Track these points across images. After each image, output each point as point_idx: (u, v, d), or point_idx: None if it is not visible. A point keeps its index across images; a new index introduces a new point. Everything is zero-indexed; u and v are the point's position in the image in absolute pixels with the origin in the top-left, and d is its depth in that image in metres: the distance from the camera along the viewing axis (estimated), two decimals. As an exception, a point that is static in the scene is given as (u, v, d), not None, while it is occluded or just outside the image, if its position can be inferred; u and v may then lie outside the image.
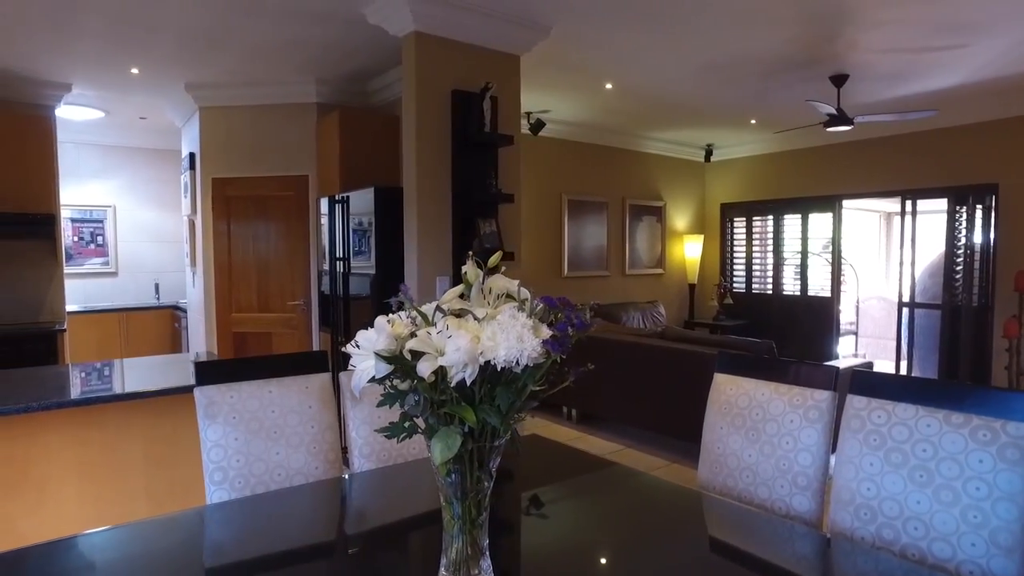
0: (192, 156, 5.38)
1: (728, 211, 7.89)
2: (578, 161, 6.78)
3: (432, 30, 3.46)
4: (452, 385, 1.07)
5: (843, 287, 7.39)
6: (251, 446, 1.84)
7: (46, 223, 4.63)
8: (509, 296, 1.24)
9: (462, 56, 3.60)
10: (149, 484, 2.75)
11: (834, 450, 1.67)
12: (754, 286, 7.65)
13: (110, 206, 6.71)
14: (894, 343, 6.72)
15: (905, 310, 6.46)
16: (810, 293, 7.15)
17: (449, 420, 1.14)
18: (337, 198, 4.19)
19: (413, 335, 1.11)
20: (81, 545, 1.47)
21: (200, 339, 5.50)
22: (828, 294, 7.04)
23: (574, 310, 1.19)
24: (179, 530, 1.59)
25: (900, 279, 6.47)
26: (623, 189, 7.23)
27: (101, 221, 6.67)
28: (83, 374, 3.02)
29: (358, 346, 1.10)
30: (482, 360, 1.05)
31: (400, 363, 1.09)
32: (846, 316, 7.92)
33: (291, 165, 5.10)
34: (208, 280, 5.28)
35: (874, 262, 9.56)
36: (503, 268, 1.27)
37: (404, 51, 3.54)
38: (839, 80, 4.85)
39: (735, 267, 7.85)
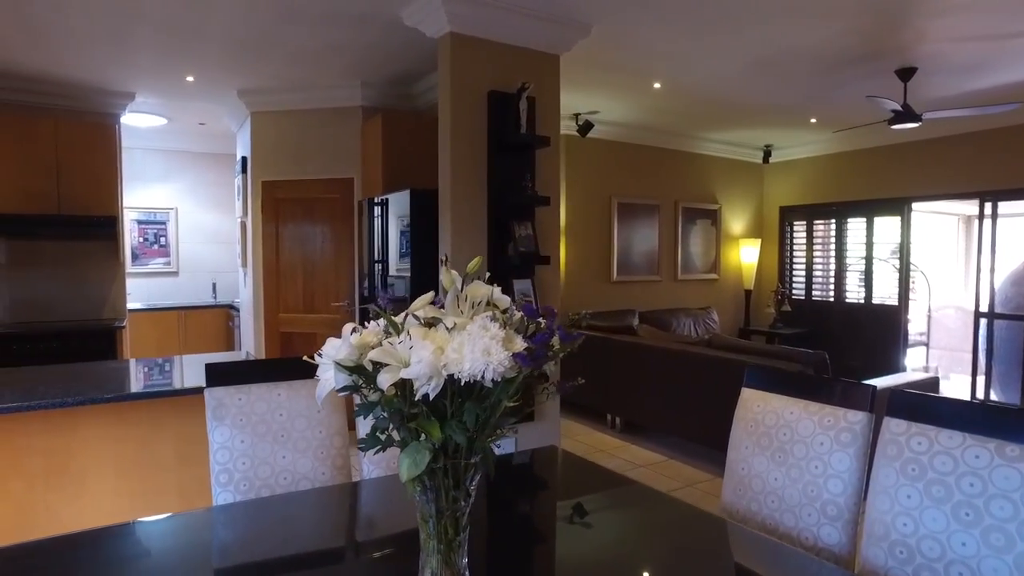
0: (244, 160, 5.54)
1: (788, 214, 7.53)
2: (629, 163, 6.62)
3: (468, 31, 3.42)
4: (417, 398, 1.00)
5: (912, 295, 6.93)
6: (257, 449, 1.83)
7: (109, 225, 4.85)
8: (491, 304, 1.16)
9: (499, 57, 3.54)
10: (181, 481, 2.80)
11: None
12: (814, 293, 7.27)
13: (172, 208, 7.01)
14: (970, 356, 6.23)
15: (983, 321, 5.98)
16: (875, 301, 6.73)
17: (418, 435, 1.08)
18: (376, 200, 4.20)
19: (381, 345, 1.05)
20: (92, 539, 1.48)
21: (251, 338, 5.65)
22: (895, 302, 6.60)
23: (555, 320, 1.10)
24: (182, 530, 1.58)
25: (978, 287, 6.00)
26: (676, 192, 7.01)
27: (164, 223, 6.98)
28: (146, 369, 3.13)
29: (319, 355, 1.05)
30: (445, 373, 0.97)
31: (361, 374, 1.03)
32: (916, 326, 7.42)
33: (337, 168, 5.17)
34: (257, 280, 5.42)
35: (952, 269, 8.93)
36: (488, 273, 1.19)
37: (439, 52, 3.52)
38: (906, 74, 4.53)
39: (794, 273, 7.49)
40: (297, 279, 5.36)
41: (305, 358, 1.05)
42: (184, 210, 7.08)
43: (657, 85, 4.96)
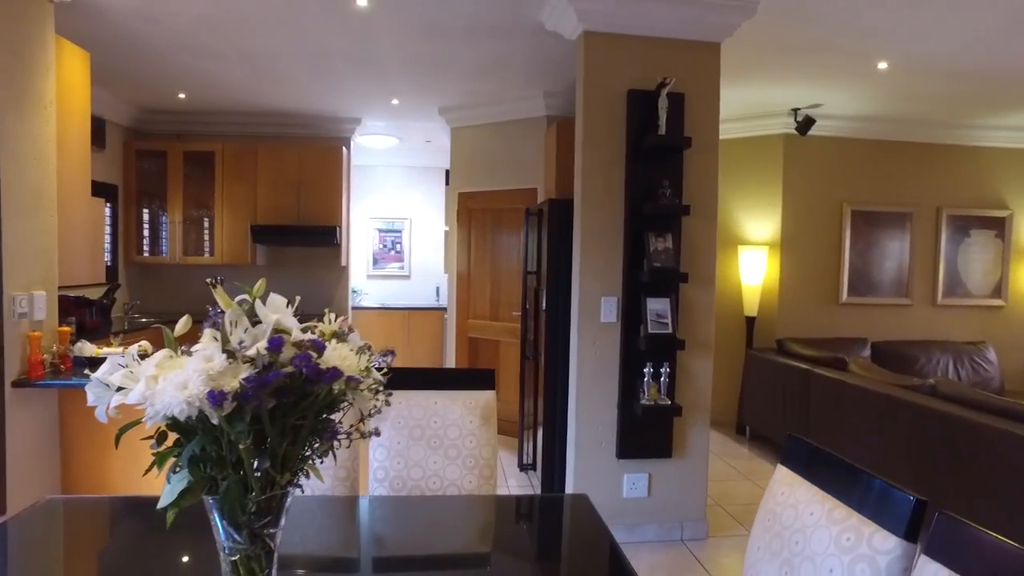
0: (447, 173, 5.96)
1: None
2: (866, 163, 5.49)
3: (603, 27, 3.17)
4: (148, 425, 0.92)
5: None
6: (411, 451, 1.94)
7: (331, 234, 5.63)
8: (279, 330, 1.02)
9: (641, 52, 3.21)
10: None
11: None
12: None
13: (407, 218, 7.88)
14: None
15: None
16: None
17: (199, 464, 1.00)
18: (531, 211, 4.15)
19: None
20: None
21: (452, 341, 6.03)
22: None
23: (310, 360, 0.92)
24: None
25: None
26: (938, 195, 5.60)
27: (400, 231, 7.87)
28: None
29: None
30: (148, 404, 0.88)
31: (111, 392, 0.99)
32: None
33: (523, 178, 5.24)
34: (451, 287, 5.78)
35: None
36: (278, 296, 1.05)
37: (576, 54, 3.33)
38: None
39: None
40: (485, 287, 5.58)
41: (86, 371, 1.03)
42: (417, 219, 7.91)
43: (883, 65, 4.01)
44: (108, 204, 5.32)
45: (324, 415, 1.03)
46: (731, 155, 5.49)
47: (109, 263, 5.33)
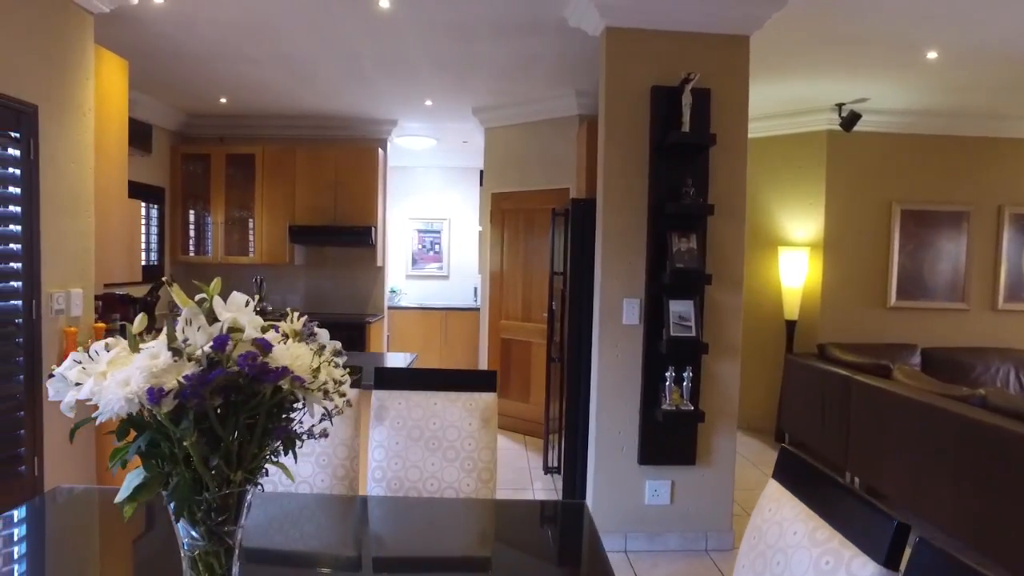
0: (481, 173, 5.96)
1: None
2: (917, 159, 5.21)
3: (626, 23, 3.10)
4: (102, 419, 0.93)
5: None
6: (409, 452, 1.94)
7: (367, 234, 5.70)
8: (234, 329, 1.01)
9: (665, 47, 3.13)
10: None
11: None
12: None
13: (446, 219, 7.92)
14: None
15: None
16: None
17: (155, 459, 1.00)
18: (557, 211, 4.10)
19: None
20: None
21: (485, 341, 6.02)
22: None
23: (254, 359, 0.90)
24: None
25: None
26: (999, 193, 5.27)
27: (439, 232, 7.93)
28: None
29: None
30: (96, 401, 0.88)
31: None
32: None
33: (556, 178, 5.20)
34: (484, 287, 5.77)
35: None
36: (239, 294, 1.04)
37: (599, 50, 3.26)
38: None
39: None
40: (517, 288, 5.55)
41: (53, 367, 1.06)
42: (456, 220, 7.95)
43: (932, 55, 3.79)
44: (155, 206, 5.54)
45: (281, 414, 1.02)
46: (771, 153, 5.31)
47: (156, 262, 5.55)
